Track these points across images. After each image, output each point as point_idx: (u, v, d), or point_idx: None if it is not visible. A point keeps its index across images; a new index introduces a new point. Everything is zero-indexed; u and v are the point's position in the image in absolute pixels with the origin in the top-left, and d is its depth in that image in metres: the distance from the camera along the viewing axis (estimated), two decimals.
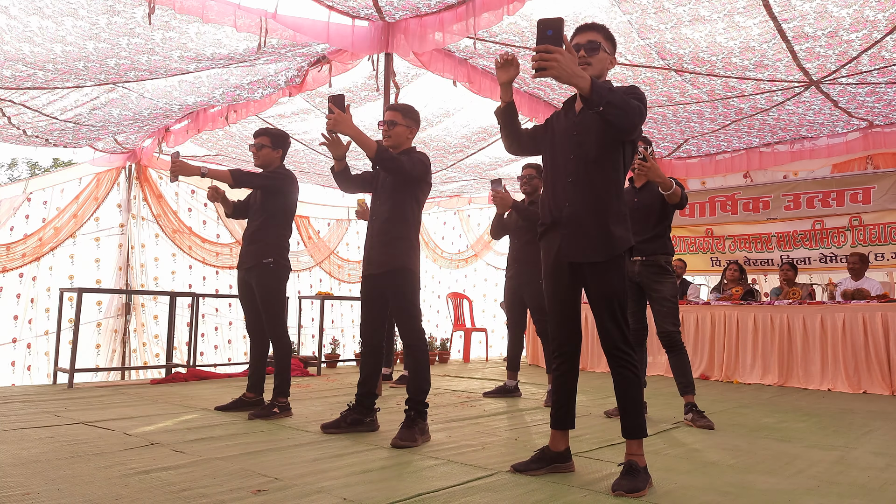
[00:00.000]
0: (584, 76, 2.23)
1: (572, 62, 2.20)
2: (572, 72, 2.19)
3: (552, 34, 2.16)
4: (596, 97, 2.25)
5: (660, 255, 4.01)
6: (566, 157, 2.61)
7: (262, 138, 4.11)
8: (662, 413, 4.37)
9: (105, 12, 4.11)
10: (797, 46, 5.12)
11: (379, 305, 3.51)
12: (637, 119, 2.39)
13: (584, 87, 2.23)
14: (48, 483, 2.37)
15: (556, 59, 2.16)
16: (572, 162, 2.59)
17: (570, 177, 2.58)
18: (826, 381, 6.06)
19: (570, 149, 2.60)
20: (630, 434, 2.52)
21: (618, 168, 2.59)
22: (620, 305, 2.54)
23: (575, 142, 2.59)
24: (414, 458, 2.91)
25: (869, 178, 7.66)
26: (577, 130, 2.60)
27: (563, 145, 2.64)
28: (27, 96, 5.05)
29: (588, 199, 2.54)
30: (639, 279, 4.05)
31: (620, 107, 2.30)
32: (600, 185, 2.55)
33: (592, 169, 2.55)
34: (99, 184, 6.77)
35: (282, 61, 5.20)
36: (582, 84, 2.22)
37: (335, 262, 9.25)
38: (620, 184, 2.62)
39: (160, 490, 2.31)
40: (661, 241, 4.04)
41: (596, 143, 2.54)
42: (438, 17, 4.63)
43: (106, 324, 6.63)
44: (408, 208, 3.43)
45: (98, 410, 4.12)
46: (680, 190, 3.83)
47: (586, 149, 2.56)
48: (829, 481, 2.65)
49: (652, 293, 4.03)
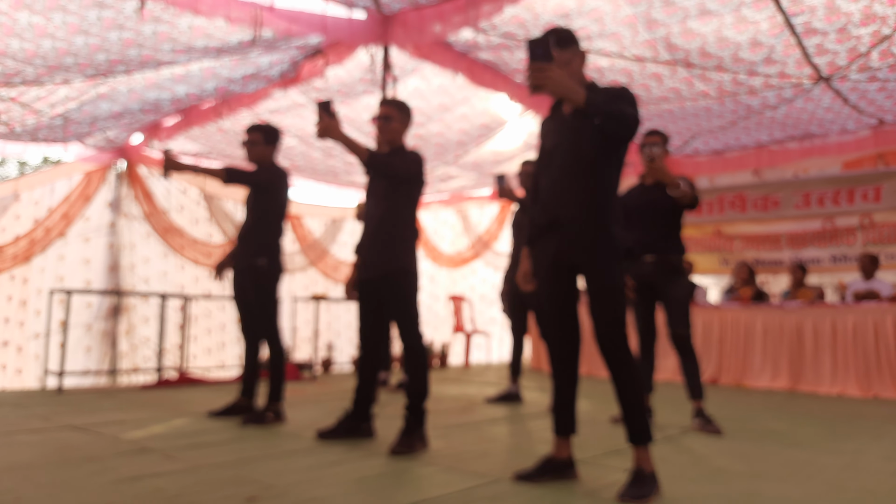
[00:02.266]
0: (579, 90, 2.30)
1: (565, 77, 2.30)
2: (567, 86, 2.28)
3: (541, 52, 2.27)
4: (592, 110, 2.32)
5: (671, 253, 3.91)
6: (561, 158, 2.59)
7: (254, 134, 4.09)
8: (670, 418, 4.29)
9: (95, 6, 4.05)
10: (806, 41, 5.05)
11: (376, 309, 3.44)
12: (634, 127, 2.43)
13: (579, 101, 2.30)
14: (38, 489, 2.37)
15: (549, 76, 2.25)
16: (567, 163, 2.57)
17: (565, 177, 2.56)
18: (836, 384, 5.96)
19: (565, 149, 2.58)
20: (635, 439, 2.46)
21: (613, 167, 2.57)
22: (617, 306, 2.50)
23: (569, 142, 2.57)
24: (412, 466, 2.87)
25: (880, 177, 7.58)
26: (571, 129, 2.58)
27: (557, 146, 2.62)
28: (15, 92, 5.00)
29: (584, 200, 2.53)
30: (650, 279, 3.93)
31: (617, 118, 2.36)
32: (596, 186, 2.54)
33: (587, 169, 2.54)
34: (89, 182, 6.69)
35: (276, 53, 5.15)
36: (577, 98, 2.30)
37: (330, 263, 9.14)
38: (616, 183, 2.60)
39: (152, 496, 2.30)
40: (672, 239, 3.94)
41: (590, 142, 2.52)
42: (438, 8, 4.57)
43: (97, 326, 6.54)
44: (403, 208, 3.37)
45: (88, 414, 4.09)
46: (690, 191, 3.72)
47: (581, 148, 2.54)
48: (839, 487, 2.63)
49: (664, 294, 3.92)
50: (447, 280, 10.45)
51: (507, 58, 5.65)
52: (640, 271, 3.92)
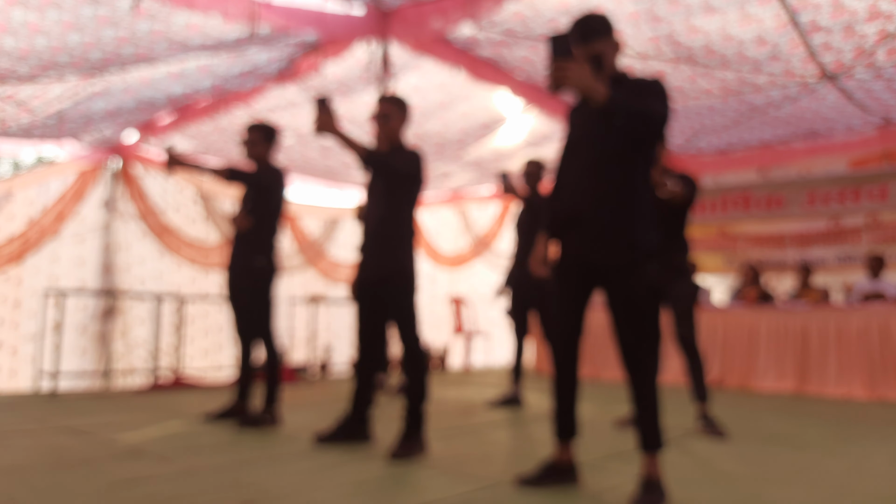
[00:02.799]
0: (600, 88, 2.19)
1: (586, 73, 2.19)
2: (588, 84, 2.18)
3: (562, 49, 2.20)
4: (613, 108, 2.21)
5: (674, 252, 3.88)
6: (587, 152, 2.49)
7: (253, 133, 4.09)
8: (673, 421, 4.24)
9: (89, 3, 4.01)
10: (811, 39, 5.00)
11: (375, 311, 3.40)
12: (660, 125, 2.30)
13: (601, 100, 2.20)
14: (32, 491, 2.37)
15: (570, 73, 2.16)
16: (592, 157, 2.46)
17: (592, 172, 2.45)
18: (842, 386, 5.92)
19: (590, 143, 2.48)
20: (648, 446, 2.41)
21: (641, 164, 2.46)
22: (641, 311, 2.40)
23: (595, 135, 2.45)
24: (411, 469, 2.86)
25: (886, 176, 7.54)
26: (597, 123, 2.43)
27: (584, 139, 2.51)
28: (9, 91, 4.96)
29: (610, 197, 2.41)
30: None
31: (640, 117, 2.26)
32: (624, 182, 2.42)
33: (616, 164, 2.43)
34: (84, 181, 6.64)
35: (273, 50, 5.11)
36: (598, 96, 2.19)
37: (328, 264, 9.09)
38: (645, 181, 2.47)
39: (147, 500, 2.30)
40: (676, 238, 3.90)
41: (618, 137, 2.40)
42: (438, 4, 4.53)
43: (92, 327, 6.50)
44: (402, 208, 3.33)
45: (83, 417, 4.08)
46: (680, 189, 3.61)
47: (607, 143, 2.42)
48: (845, 491, 2.61)
49: (669, 295, 3.88)
50: (447, 281, 10.40)
51: (508, 55, 5.62)
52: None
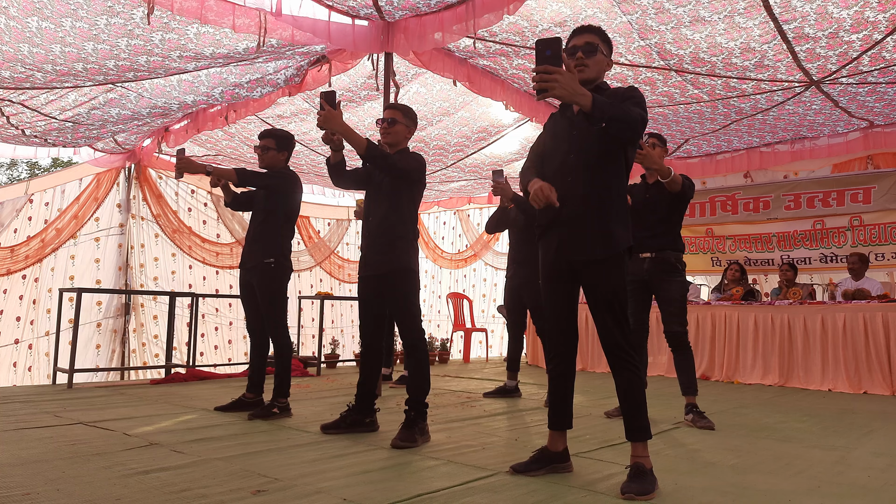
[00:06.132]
0: (586, 94, 2.25)
1: (573, 81, 2.23)
2: (573, 90, 2.21)
3: (550, 54, 2.19)
4: (598, 113, 2.27)
5: (669, 250, 3.97)
6: (566, 156, 2.60)
7: (267, 140, 4.12)
8: (663, 413, 4.36)
9: (104, 13, 4.10)
10: (798, 47, 5.11)
11: (378, 306, 3.50)
12: (640, 128, 2.41)
13: (586, 105, 2.25)
14: (48, 483, 2.37)
15: (557, 79, 2.18)
16: (572, 161, 2.58)
17: (570, 176, 2.57)
18: (827, 381, 6.05)
19: (570, 148, 2.59)
20: (634, 436, 2.50)
21: (619, 166, 2.58)
22: (621, 305, 2.52)
23: (575, 141, 2.58)
24: (414, 459, 2.91)
25: (869, 178, 7.66)
26: (577, 129, 2.59)
27: (563, 144, 2.63)
28: (26, 95, 5.04)
29: (588, 198, 2.53)
30: (647, 277, 3.98)
31: (623, 120, 2.33)
32: (601, 184, 2.54)
33: (593, 168, 2.54)
34: (99, 184, 6.78)
35: (281, 59, 5.20)
36: (583, 101, 2.24)
37: (335, 262, 9.24)
38: (622, 182, 2.60)
39: (160, 490, 2.30)
40: (670, 236, 3.99)
41: (596, 142, 2.53)
42: (438, 16, 4.63)
43: (106, 324, 6.63)
44: (404, 207, 3.42)
45: (98, 411, 4.11)
46: (680, 178, 3.81)
47: (587, 148, 2.55)
48: (829, 482, 2.64)
49: (660, 292, 3.98)
50: (448, 278, 10.57)
51: (506, 64, 5.72)
52: (635, 268, 3.96)
